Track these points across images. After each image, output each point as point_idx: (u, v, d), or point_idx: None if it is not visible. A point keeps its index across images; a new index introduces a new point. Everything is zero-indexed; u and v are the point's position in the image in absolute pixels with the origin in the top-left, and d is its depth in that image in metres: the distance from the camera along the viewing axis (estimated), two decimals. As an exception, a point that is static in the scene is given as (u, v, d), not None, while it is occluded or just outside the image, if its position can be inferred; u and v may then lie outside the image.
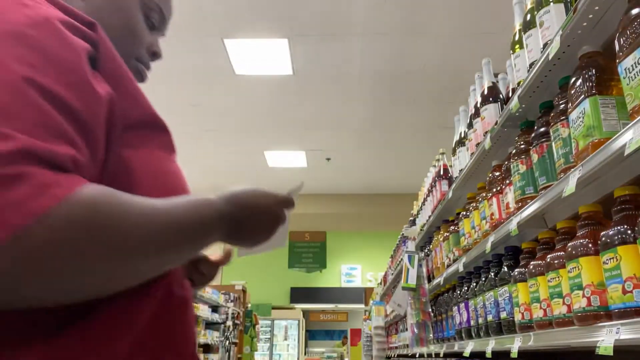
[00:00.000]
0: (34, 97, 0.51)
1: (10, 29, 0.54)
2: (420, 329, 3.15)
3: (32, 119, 0.50)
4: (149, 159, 0.65)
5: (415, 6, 4.18)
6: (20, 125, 0.48)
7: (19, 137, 0.47)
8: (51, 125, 0.51)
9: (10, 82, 0.50)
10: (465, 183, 2.62)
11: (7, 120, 0.48)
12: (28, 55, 0.53)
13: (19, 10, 0.57)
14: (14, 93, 0.50)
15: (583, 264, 1.23)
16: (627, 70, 1.08)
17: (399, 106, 5.78)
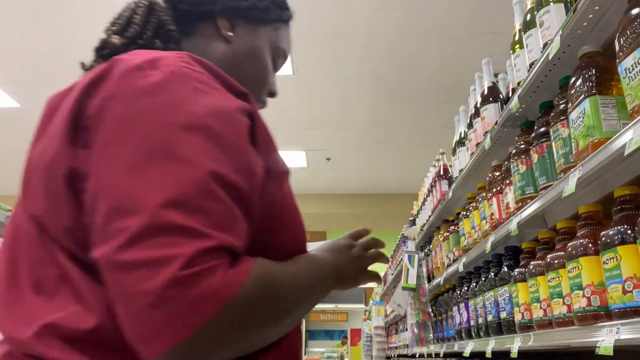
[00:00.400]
0: (218, 191, 0.58)
1: (193, 122, 0.60)
2: (420, 329, 3.15)
3: (218, 213, 0.57)
4: (281, 199, 0.73)
5: (416, 6, 4.18)
6: (210, 222, 0.56)
7: (213, 235, 0.55)
8: (230, 217, 0.59)
9: (199, 178, 0.57)
10: (465, 183, 2.62)
11: (198, 216, 0.55)
12: (210, 148, 0.59)
13: (196, 99, 0.62)
14: (203, 189, 0.57)
15: (583, 264, 1.23)
16: (627, 70, 1.08)
17: (399, 106, 5.77)
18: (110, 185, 0.58)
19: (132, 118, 0.60)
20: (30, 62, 4.84)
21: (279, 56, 0.94)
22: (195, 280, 0.52)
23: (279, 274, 0.65)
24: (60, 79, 4.67)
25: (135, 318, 0.53)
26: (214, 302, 0.53)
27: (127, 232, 0.54)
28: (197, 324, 0.52)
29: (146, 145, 0.59)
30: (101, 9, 4.15)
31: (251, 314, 0.58)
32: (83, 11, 4.17)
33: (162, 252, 0.53)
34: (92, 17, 4.23)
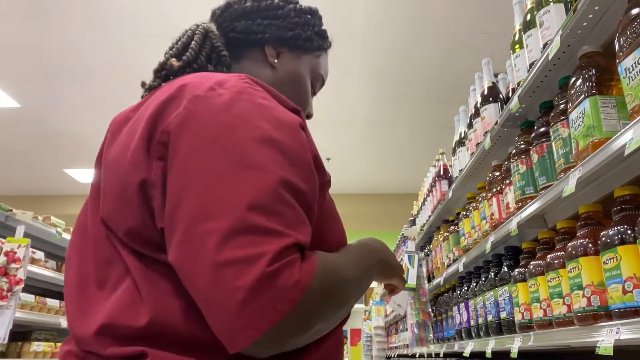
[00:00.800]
0: (288, 196, 0.65)
1: (263, 135, 0.67)
2: (420, 329, 3.15)
3: (290, 215, 0.64)
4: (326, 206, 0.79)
5: (415, 6, 4.18)
6: (286, 223, 0.63)
7: (290, 234, 0.62)
8: (299, 218, 0.66)
9: (273, 184, 0.64)
10: (465, 183, 2.62)
11: (276, 218, 0.62)
12: (280, 158, 0.66)
13: (263, 114, 0.69)
14: (277, 194, 0.64)
15: (583, 264, 1.23)
16: (627, 70, 1.08)
17: (399, 106, 5.77)
18: (194, 193, 0.64)
19: (210, 133, 0.66)
20: (30, 62, 4.84)
21: (318, 81, 1.03)
22: (280, 273, 0.59)
23: (337, 263, 0.71)
24: (60, 79, 4.70)
25: (230, 311, 0.59)
26: (296, 290, 0.60)
27: (217, 232, 0.60)
28: (285, 310, 0.59)
29: (224, 157, 0.65)
30: (101, 9, 4.15)
31: (323, 299, 0.64)
32: (83, 11, 4.17)
33: (251, 251, 0.59)
34: (93, 17, 4.24)
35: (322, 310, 0.65)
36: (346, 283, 0.71)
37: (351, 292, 0.72)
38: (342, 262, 0.73)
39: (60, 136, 6.35)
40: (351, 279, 0.72)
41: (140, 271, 0.68)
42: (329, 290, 0.66)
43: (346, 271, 0.72)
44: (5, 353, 3.72)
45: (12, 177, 7.66)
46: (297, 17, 0.98)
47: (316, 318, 0.64)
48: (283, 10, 0.97)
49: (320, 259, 0.66)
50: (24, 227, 3.54)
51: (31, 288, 3.97)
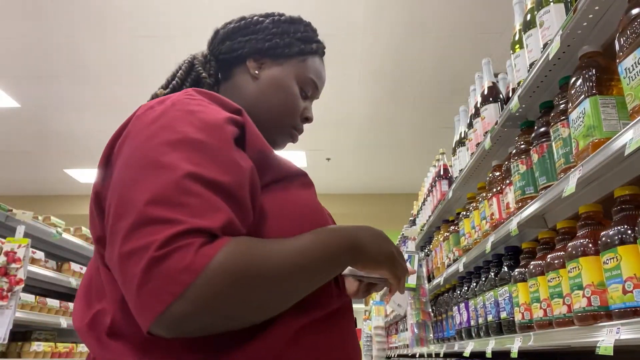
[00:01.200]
0: (195, 187, 0.68)
1: (180, 137, 0.73)
2: (420, 329, 3.15)
3: (195, 205, 0.67)
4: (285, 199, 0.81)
5: (415, 6, 4.18)
6: (187, 212, 0.66)
7: (186, 221, 0.65)
8: (208, 207, 0.68)
9: (177, 178, 0.68)
10: (465, 183, 2.62)
11: (176, 209, 0.66)
12: (193, 156, 0.71)
13: (189, 119, 0.75)
14: (180, 187, 0.68)
15: (583, 264, 1.23)
16: (628, 70, 1.08)
17: (399, 106, 5.77)
18: (114, 199, 0.72)
19: (135, 144, 0.74)
20: (30, 62, 4.84)
21: (308, 85, 1.04)
22: (169, 257, 0.62)
23: (264, 248, 0.70)
24: (60, 79, 4.69)
25: (132, 298, 0.65)
26: (188, 272, 0.62)
27: (123, 229, 0.67)
28: (177, 291, 0.62)
29: (141, 163, 0.72)
30: (101, 9, 4.15)
31: (228, 283, 0.64)
32: (83, 11, 4.17)
33: (146, 240, 0.64)
34: (92, 17, 4.24)
35: (230, 293, 0.65)
36: (272, 268, 0.69)
37: (283, 278, 0.70)
38: (275, 248, 0.71)
39: (60, 136, 6.35)
40: (282, 265, 0.70)
41: (106, 275, 0.77)
42: (240, 273, 0.66)
43: (277, 257, 0.70)
44: (6, 353, 3.72)
45: (12, 177, 7.66)
46: (275, 28, 1.03)
47: (224, 301, 0.65)
48: (261, 24, 1.03)
49: (234, 244, 0.67)
50: (24, 227, 3.54)
51: (31, 288, 3.97)
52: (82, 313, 0.79)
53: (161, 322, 0.63)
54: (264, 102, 0.99)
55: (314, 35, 1.08)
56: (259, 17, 1.05)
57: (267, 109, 0.99)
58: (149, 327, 0.64)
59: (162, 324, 0.63)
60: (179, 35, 4.41)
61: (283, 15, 1.07)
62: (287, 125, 1.02)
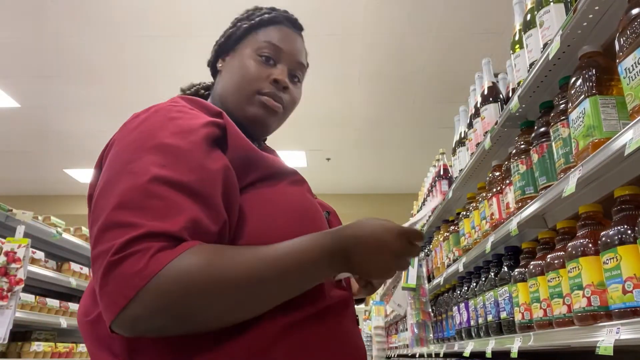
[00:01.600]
0: (160, 191, 0.71)
1: (153, 143, 0.76)
2: (420, 329, 3.15)
3: (158, 208, 0.69)
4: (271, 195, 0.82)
5: (416, 6, 4.18)
6: (150, 215, 0.69)
7: (145, 225, 0.67)
8: (171, 209, 0.70)
9: (142, 182, 0.71)
10: (465, 183, 2.62)
11: (139, 212, 0.69)
12: (163, 160, 0.73)
13: (166, 125, 0.78)
14: (145, 191, 0.70)
15: (583, 264, 1.23)
16: (627, 70, 1.08)
17: (399, 106, 5.77)
18: (94, 203, 0.76)
19: (116, 151, 0.79)
20: (30, 62, 4.84)
21: (263, 49, 0.99)
22: (123, 262, 0.66)
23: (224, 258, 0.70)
24: (60, 79, 4.69)
25: (99, 298, 0.69)
26: (140, 276, 0.65)
27: (94, 234, 0.71)
28: (129, 294, 0.65)
29: (116, 168, 0.75)
30: (101, 9, 4.15)
31: (178, 290, 0.66)
32: (83, 11, 4.17)
33: (107, 244, 0.68)
34: (93, 17, 4.24)
35: (180, 300, 0.66)
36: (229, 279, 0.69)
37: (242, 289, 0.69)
38: (240, 258, 0.71)
39: (60, 136, 6.35)
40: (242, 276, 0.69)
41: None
42: (192, 282, 0.67)
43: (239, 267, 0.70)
44: (6, 353, 3.72)
45: (12, 177, 7.66)
46: (232, 27, 1.06)
47: (175, 306, 0.66)
48: (224, 33, 1.07)
49: (194, 251, 0.68)
50: (24, 227, 3.54)
51: (31, 288, 3.97)
52: (88, 308, 0.83)
53: (118, 323, 0.67)
54: (227, 88, 1.00)
55: (262, 11, 1.06)
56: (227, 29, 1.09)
57: (231, 91, 0.99)
58: (110, 327, 0.68)
59: (119, 324, 0.67)
60: (180, 36, 4.41)
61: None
62: (250, 93, 0.97)
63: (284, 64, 1.00)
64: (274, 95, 0.98)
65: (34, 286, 4.04)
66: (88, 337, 0.81)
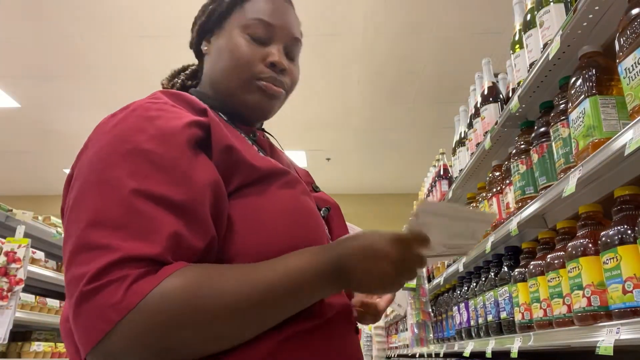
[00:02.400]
0: (140, 206, 0.64)
1: (130, 148, 0.68)
2: (420, 329, 3.15)
3: (137, 226, 0.63)
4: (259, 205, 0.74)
5: (415, 6, 4.18)
6: (125, 235, 0.62)
7: (123, 248, 0.61)
8: (152, 227, 0.63)
9: (121, 197, 0.64)
10: (465, 183, 2.62)
11: (115, 232, 0.62)
12: (140, 169, 0.66)
13: (144, 127, 0.70)
14: (123, 206, 0.63)
15: (583, 264, 1.23)
16: (627, 70, 1.08)
17: (399, 106, 5.76)
18: (65, 218, 0.69)
19: (87, 155, 0.70)
20: (30, 62, 4.84)
21: (253, 27, 0.90)
22: (98, 292, 0.59)
23: (212, 283, 0.63)
24: (60, 79, 4.69)
25: (73, 326, 0.62)
26: (116, 309, 0.59)
27: (66, 254, 0.65)
28: (105, 329, 0.59)
29: (88, 177, 0.68)
30: (101, 9, 4.15)
31: (163, 322, 0.60)
32: (83, 11, 4.17)
33: (80, 270, 0.61)
34: (92, 17, 4.24)
35: (164, 332, 0.60)
36: (220, 307, 0.63)
37: (234, 316, 0.63)
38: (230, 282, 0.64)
39: (60, 136, 6.35)
40: (234, 303, 0.63)
41: None
42: (177, 313, 0.61)
43: (229, 294, 0.63)
44: (6, 353, 3.72)
45: (12, 177, 7.66)
46: (212, 2, 0.95)
47: (158, 339, 0.60)
48: (203, 7, 0.97)
49: (177, 278, 0.62)
50: (24, 227, 3.54)
51: (31, 288, 3.97)
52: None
53: (94, 357, 0.61)
54: (218, 74, 0.90)
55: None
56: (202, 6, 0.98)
57: (223, 77, 0.89)
58: (86, 357, 0.62)
59: (98, 357, 0.61)
60: (179, 35, 4.41)
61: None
62: (245, 78, 0.88)
63: (279, 42, 0.91)
64: (274, 80, 0.89)
65: (34, 286, 4.04)
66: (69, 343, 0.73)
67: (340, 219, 0.95)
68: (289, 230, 0.74)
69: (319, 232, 0.79)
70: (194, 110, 0.77)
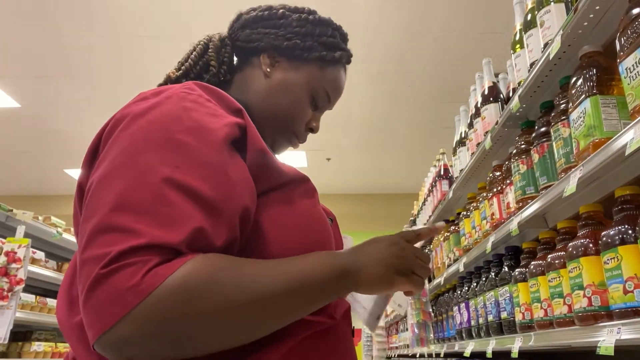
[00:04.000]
0: (169, 194, 0.63)
1: (166, 136, 0.67)
2: (420, 329, 3.15)
3: (164, 214, 0.62)
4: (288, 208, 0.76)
5: (415, 6, 4.18)
6: (151, 221, 0.61)
7: (144, 233, 0.60)
8: (176, 218, 0.62)
9: (152, 183, 0.63)
10: (465, 183, 2.62)
11: (141, 217, 0.61)
12: (174, 158, 0.65)
13: (181, 116, 0.69)
14: (154, 193, 0.63)
15: (584, 264, 1.23)
16: (628, 70, 1.08)
17: (399, 106, 5.77)
18: (88, 195, 0.67)
19: (120, 137, 0.69)
20: (30, 62, 4.84)
21: (320, 96, 0.98)
22: (115, 275, 0.58)
23: (230, 273, 0.63)
24: (60, 79, 4.69)
25: (82, 309, 0.60)
26: (133, 293, 0.57)
27: (86, 232, 0.63)
28: (120, 312, 0.57)
29: (118, 159, 0.66)
30: (101, 9, 4.15)
31: (178, 308, 0.59)
32: (83, 11, 4.17)
33: (100, 250, 0.60)
34: (92, 17, 4.24)
35: (180, 320, 0.59)
36: (236, 297, 0.62)
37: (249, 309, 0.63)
38: (249, 273, 0.64)
39: (60, 136, 6.36)
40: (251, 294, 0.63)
41: None
42: (195, 299, 0.60)
43: (248, 285, 0.63)
44: (6, 353, 3.72)
45: (12, 177, 7.66)
46: (299, 27, 0.96)
47: (173, 328, 0.59)
48: (286, 19, 0.97)
49: (196, 264, 0.61)
50: (25, 227, 3.54)
51: (32, 288, 3.97)
52: (68, 309, 0.76)
53: (103, 343, 0.58)
54: (270, 103, 0.93)
55: (340, 42, 1.02)
56: (286, 11, 0.98)
57: (273, 110, 0.93)
58: (93, 346, 0.60)
59: (104, 344, 0.59)
60: (180, 35, 4.41)
61: (313, 13, 1.00)
62: (289, 130, 0.96)
63: (324, 110, 1.02)
64: (303, 139, 1.00)
65: (34, 286, 4.04)
66: (77, 341, 0.72)
67: (338, 231, 0.97)
68: (308, 238, 0.75)
69: (330, 242, 0.81)
70: (228, 109, 0.76)
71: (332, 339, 0.76)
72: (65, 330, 0.75)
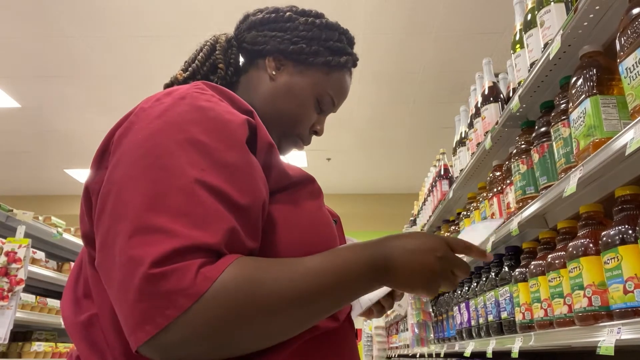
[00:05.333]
0: (201, 196, 0.63)
1: (188, 137, 0.67)
2: (420, 329, 3.15)
3: (198, 215, 0.62)
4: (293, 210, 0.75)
5: (415, 6, 4.17)
6: (188, 222, 0.61)
7: (187, 235, 0.60)
8: (211, 218, 0.63)
9: (183, 184, 0.63)
10: (465, 183, 2.62)
11: (178, 218, 0.61)
12: (199, 159, 0.65)
13: (197, 116, 0.69)
14: (185, 194, 0.63)
15: (584, 264, 1.23)
16: (628, 70, 1.08)
17: (399, 106, 5.77)
18: (110, 199, 0.66)
19: (137, 140, 0.68)
20: (30, 62, 4.84)
21: (325, 100, 0.98)
22: (167, 277, 0.58)
23: (270, 273, 0.64)
24: (60, 79, 4.70)
25: (123, 312, 0.60)
26: (186, 295, 0.58)
27: (120, 234, 0.62)
28: (173, 315, 0.57)
29: (141, 161, 0.66)
30: (101, 9, 4.15)
31: (229, 310, 0.59)
32: (83, 11, 4.17)
33: (143, 251, 0.59)
34: (92, 17, 4.24)
35: (231, 322, 0.60)
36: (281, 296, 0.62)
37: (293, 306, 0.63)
38: (286, 272, 0.65)
39: (60, 136, 6.36)
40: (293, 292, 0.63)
41: (91, 272, 0.73)
42: (244, 301, 0.60)
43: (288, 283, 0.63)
44: (6, 353, 3.72)
45: (12, 177, 7.66)
46: (306, 31, 0.96)
47: (223, 330, 0.60)
48: (293, 22, 0.97)
49: (239, 266, 0.62)
50: (25, 227, 3.54)
51: (32, 288, 3.97)
52: (73, 308, 0.75)
53: (152, 345, 0.58)
54: (275, 106, 0.94)
55: (346, 46, 1.01)
56: (293, 14, 0.98)
57: (278, 113, 0.94)
58: (138, 348, 0.59)
59: (153, 347, 0.58)
60: (179, 36, 4.41)
61: (320, 17, 1.00)
62: (293, 133, 0.97)
63: (328, 113, 1.02)
64: (308, 141, 1.01)
65: (34, 286, 4.04)
66: (81, 340, 0.72)
67: (342, 232, 0.97)
68: (314, 240, 0.75)
69: (335, 244, 0.80)
70: (239, 109, 0.76)
71: (336, 341, 0.76)
72: (70, 328, 0.75)
